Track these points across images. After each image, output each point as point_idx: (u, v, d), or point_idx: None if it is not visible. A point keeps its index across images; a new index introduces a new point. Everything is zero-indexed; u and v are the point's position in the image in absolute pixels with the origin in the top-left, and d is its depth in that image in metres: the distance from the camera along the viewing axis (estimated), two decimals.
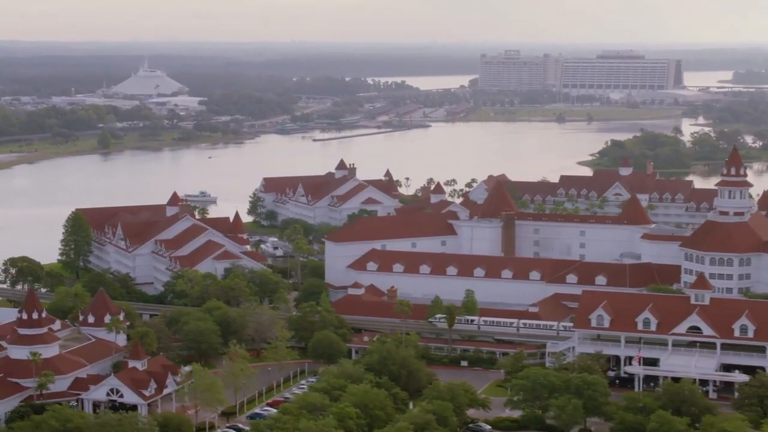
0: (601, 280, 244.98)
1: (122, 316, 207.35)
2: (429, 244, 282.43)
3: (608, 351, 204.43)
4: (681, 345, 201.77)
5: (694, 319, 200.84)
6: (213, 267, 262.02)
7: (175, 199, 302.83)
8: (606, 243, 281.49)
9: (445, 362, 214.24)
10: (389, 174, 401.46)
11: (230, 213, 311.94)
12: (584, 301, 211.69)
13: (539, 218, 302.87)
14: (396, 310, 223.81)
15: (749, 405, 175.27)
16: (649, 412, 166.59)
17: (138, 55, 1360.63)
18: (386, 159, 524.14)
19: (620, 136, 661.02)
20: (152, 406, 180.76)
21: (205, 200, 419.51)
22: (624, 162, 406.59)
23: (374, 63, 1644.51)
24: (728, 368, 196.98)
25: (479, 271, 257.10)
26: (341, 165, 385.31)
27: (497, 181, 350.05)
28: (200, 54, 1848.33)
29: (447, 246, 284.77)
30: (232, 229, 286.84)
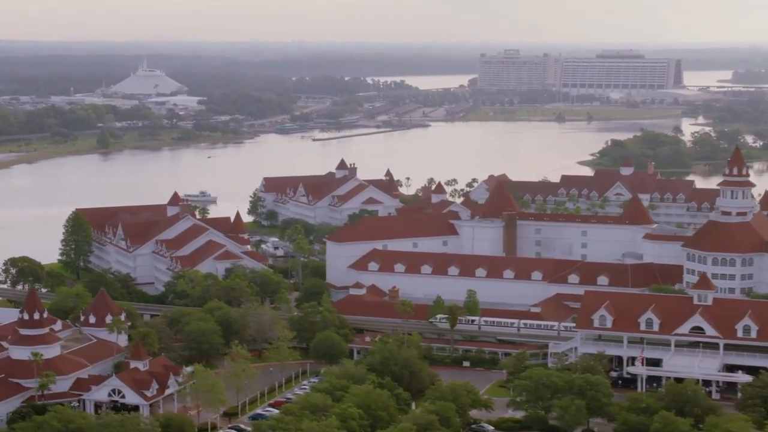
0: (603, 281, 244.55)
1: (123, 317, 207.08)
2: (430, 244, 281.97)
3: (610, 351, 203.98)
4: (683, 345, 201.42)
5: (697, 320, 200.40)
6: (214, 267, 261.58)
7: (176, 199, 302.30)
8: (608, 243, 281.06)
9: (447, 363, 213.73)
10: (390, 174, 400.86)
11: (230, 213, 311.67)
12: (586, 302, 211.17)
13: (541, 218, 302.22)
14: (398, 311, 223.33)
15: (752, 406, 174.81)
16: (653, 413, 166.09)
17: (137, 55, 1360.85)
18: (386, 159, 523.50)
19: (620, 136, 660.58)
20: (154, 407, 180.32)
21: (205, 200, 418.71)
22: (625, 162, 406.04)
23: (373, 62, 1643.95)
24: (731, 369, 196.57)
25: (481, 272, 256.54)
26: (342, 165, 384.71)
27: (499, 181, 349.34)
28: (199, 53, 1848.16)
29: (448, 246, 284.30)
30: (233, 229, 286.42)
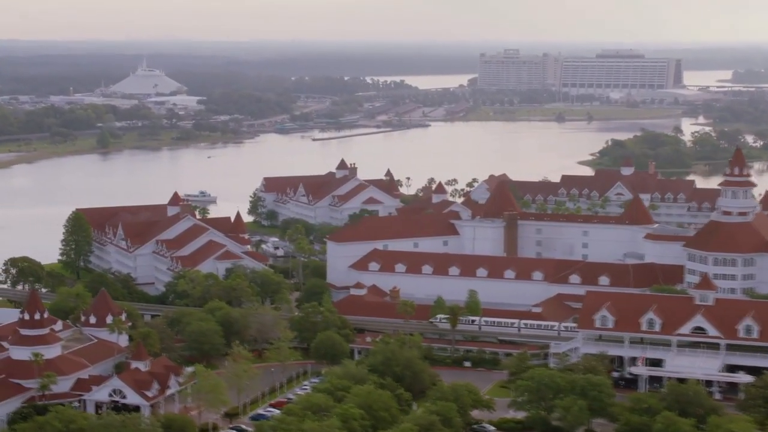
0: (605, 281, 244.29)
1: (124, 317, 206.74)
2: (431, 244, 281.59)
3: (612, 352, 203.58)
4: (685, 346, 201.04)
5: (699, 320, 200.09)
6: (214, 267, 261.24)
7: (176, 199, 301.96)
8: (609, 243, 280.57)
9: (448, 363, 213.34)
10: (390, 174, 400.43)
11: (230, 213, 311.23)
12: (588, 302, 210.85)
13: (542, 218, 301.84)
14: (399, 311, 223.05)
15: (754, 406, 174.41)
16: (655, 413, 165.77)
17: (136, 54, 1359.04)
18: (386, 159, 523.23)
19: (620, 136, 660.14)
20: (155, 407, 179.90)
21: (205, 200, 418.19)
22: (626, 162, 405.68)
23: (373, 62, 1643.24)
24: (732, 369, 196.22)
25: (482, 272, 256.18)
26: (342, 165, 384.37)
27: (500, 181, 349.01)
28: (199, 53, 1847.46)
29: (449, 246, 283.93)
30: (234, 229, 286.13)
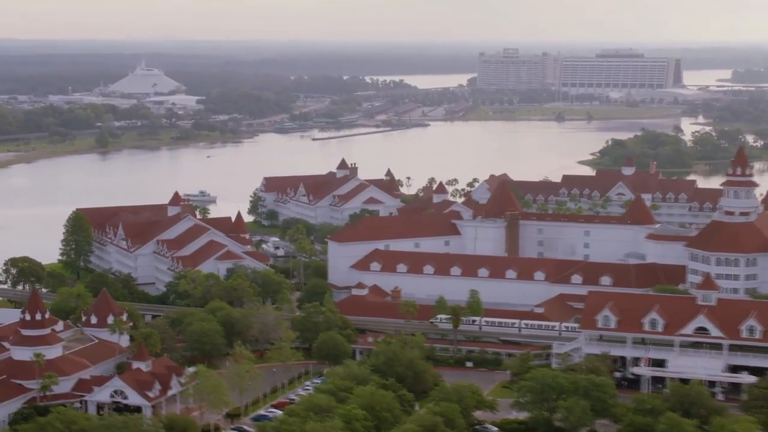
0: (606, 281, 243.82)
1: (125, 317, 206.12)
2: (432, 244, 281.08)
3: (614, 352, 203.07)
4: (688, 346, 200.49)
5: (701, 320, 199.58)
6: (215, 267, 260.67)
7: (177, 199, 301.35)
8: (610, 243, 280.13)
9: (450, 363, 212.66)
10: (390, 173, 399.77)
11: (230, 212, 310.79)
12: (590, 302, 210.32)
13: (543, 218, 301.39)
14: (401, 311, 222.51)
15: (758, 407, 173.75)
16: (658, 414, 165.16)
17: (135, 54, 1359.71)
18: (386, 158, 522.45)
19: (620, 135, 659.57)
20: (157, 408, 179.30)
21: (205, 200, 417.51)
22: (627, 161, 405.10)
23: (372, 62, 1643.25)
24: (735, 369, 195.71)
25: (483, 272, 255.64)
26: (342, 164, 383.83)
27: (501, 181, 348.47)
28: (198, 52, 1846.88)
29: (450, 246, 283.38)
30: (234, 229, 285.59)
